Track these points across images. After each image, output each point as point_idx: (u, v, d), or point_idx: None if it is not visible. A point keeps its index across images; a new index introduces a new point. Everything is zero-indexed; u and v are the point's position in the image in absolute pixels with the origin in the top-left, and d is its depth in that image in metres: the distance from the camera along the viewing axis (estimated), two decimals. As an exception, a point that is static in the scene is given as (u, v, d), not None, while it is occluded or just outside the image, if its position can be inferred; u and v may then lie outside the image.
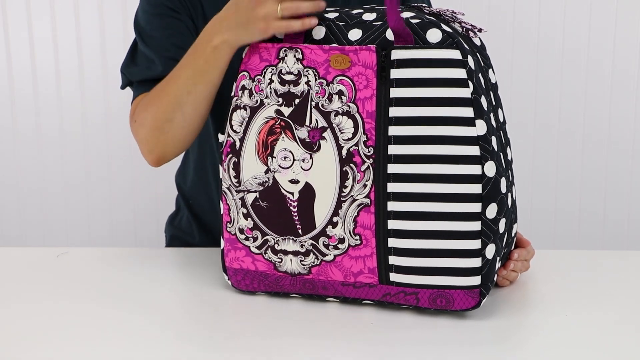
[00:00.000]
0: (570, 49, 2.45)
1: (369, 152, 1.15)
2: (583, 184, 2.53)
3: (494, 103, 1.19)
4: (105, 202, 2.60)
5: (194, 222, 1.63)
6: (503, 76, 2.15)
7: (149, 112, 1.36)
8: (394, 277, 1.17)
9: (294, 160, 1.18)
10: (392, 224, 1.15)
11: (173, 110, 1.33)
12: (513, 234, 1.24)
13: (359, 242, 1.17)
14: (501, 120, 1.21)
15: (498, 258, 1.17)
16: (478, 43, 1.21)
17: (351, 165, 1.15)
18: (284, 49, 1.19)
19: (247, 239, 1.24)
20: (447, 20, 1.18)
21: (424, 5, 1.21)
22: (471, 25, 1.19)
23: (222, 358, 1.09)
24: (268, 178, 1.20)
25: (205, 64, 1.28)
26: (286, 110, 1.18)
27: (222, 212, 1.26)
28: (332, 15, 1.20)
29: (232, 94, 1.23)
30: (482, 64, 1.19)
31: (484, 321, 1.18)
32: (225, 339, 1.14)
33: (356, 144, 1.15)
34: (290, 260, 1.22)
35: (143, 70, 1.44)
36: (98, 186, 2.59)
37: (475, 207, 1.13)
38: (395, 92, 1.13)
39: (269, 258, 1.23)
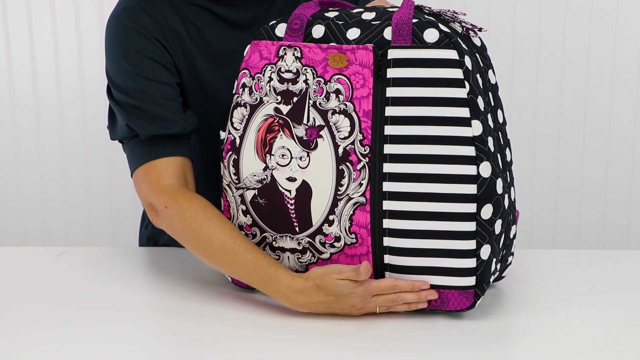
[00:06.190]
0: (571, 49, 2.43)
1: (365, 151, 1.15)
2: (583, 185, 2.51)
3: (492, 104, 1.18)
4: (106, 200, 2.60)
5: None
6: (503, 77, 2.14)
7: (180, 233, 1.27)
8: (389, 275, 1.17)
9: (291, 158, 1.19)
10: (387, 223, 1.15)
11: (203, 258, 1.26)
12: (511, 236, 1.23)
13: (354, 240, 1.17)
14: (500, 121, 1.21)
15: (494, 259, 1.17)
16: (478, 43, 1.21)
17: (347, 163, 1.16)
18: (283, 47, 1.19)
19: (246, 235, 1.24)
20: (447, 20, 1.17)
21: (425, 6, 1.21)
22: (471, 24, 1.18)
23: (220, 354, 1.10)
24: (266, 175, 1.21)
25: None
26: (284, 108, 1.19)
27: (222, 208, 1.27)
28: (332, 15, 1.20)
29: (234, 91, 1.23)
30: (482, 65, 1.18)
31: (482, 321, 1.17)
32: (223, 335, 1.15)
33: (352, 143, 1.15)
34: (288, 257, 1.22)
35: (153, 125, 1.31)
36: (98, 185, 2.59)
37: (470, 208, 1.12)
38: (391, 92, 1.13)
39: (267, 255, 1.23)
